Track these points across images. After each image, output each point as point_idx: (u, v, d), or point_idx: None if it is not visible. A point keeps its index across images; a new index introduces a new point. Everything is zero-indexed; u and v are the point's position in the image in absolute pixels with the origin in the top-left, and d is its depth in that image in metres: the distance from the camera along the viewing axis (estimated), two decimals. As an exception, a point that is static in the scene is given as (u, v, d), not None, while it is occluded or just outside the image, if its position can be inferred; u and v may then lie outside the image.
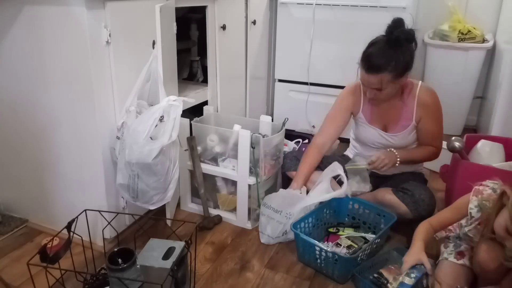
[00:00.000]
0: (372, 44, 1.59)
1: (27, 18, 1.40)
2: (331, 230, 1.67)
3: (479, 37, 2.63)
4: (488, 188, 1.28)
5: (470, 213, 1.28)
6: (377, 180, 1.79)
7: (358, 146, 1.90)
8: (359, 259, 1.45)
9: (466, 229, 1.33)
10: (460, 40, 2.63)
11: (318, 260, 1.48)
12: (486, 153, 1.77)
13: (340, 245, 1.57)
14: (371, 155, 1.68)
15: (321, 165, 1.86)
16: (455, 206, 1.35)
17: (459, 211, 1.33)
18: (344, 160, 1.90)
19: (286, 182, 1.92)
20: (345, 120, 1.81)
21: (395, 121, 1.73)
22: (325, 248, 1.45)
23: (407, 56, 1.55)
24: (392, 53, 1.53)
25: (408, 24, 1.58)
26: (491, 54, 2.70)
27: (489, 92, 2.63)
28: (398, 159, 1.64)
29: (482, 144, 1.80)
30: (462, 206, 1.31)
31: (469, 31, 2.63)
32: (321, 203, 1.66)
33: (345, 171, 1.68)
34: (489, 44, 2.60)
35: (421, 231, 1.37)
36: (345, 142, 1.96)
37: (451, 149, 1.69)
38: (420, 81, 1.72)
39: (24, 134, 1.59)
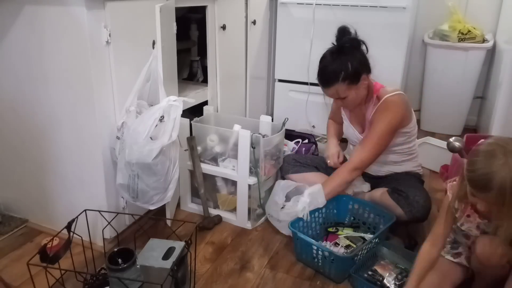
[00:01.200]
0: (321, 59, 1.63)
1: (27, 18, 1.40)
2: (330, 229, 1.67)
3: (479, 37, 2.63)
4: (449, 183, 1.29)
5: (454, 207, 1.26)
6: (373, 180, 1.80)
7: (350, 147, 1.91)
8: (356, 259, 1.45)
9: (459, 224, 1.32)
10: (460, 40, 2.63)
11: (316, 259, 1.48)
12: (486, 153, 1.76)
13: (338, 244, 1.57)
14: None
15: (323, 164, 1.87)
16: (441, 216, 1.33)
17: (447, 217, 1.30)
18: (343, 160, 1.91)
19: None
20: (340, 112, 1.88)
21: (364, 124, 1.74)
22: (322, 247, 1.45)
23: (355, 62, 1.57)
24: (339, 63, 1.56)
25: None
26: (491, 54, 2.70)
27: (489, 92, 2.63)
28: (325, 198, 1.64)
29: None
30: (447, 210, 1.29)
31: (469, 31, 2.63)
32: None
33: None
34: (489, 44, 2.60)
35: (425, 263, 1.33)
36: (345, 142, 1.97)
37: (451, 149, 1.69)
38: (392, 94, 1.63)
39: (24, 134, 1.59)
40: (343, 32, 1.60)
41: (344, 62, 1.56)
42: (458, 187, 1.22)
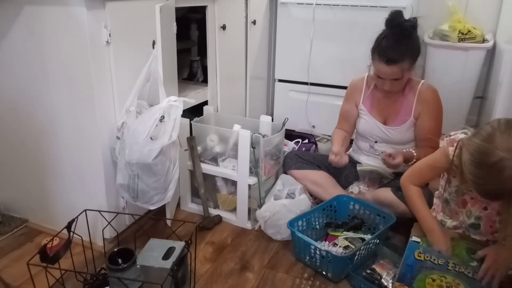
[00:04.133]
0: (383, 37, 1.64)
1: (27, 18, 1.40)
2: (331, 233, 1.67)
3: (479, 37, 2.62)
4: (460, 133, 1.28)
5: (454, 163, 1.24)
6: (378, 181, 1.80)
7: (360, 144, 1.90)
8: (355, 259, 1.45)
9: (454, 186, 1.31)
10: (460, 40, 2.63)
11: (313, 259, 1.48)
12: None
13: (337, 245, 1.57)
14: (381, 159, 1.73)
15: (325, 163, 1.87)
16: (431, 163, 1.35)
17: (437, 167, 1.32)
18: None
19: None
20: (353, 112, 1.87)
21: (394, 115, 1.75)
22: (319, 247, 1.45)
23: (418, 43, 1.64)
24: (407, 42, 1.61)
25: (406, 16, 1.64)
26: (491, 54, 2.70)
27: (489, 92, 2.63)
28: (415, 160, 1.67)
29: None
30: (439, 160, 1.30)
31: (469, 31, 2.62)
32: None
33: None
34: (489, 44, 2.60)
35: (423, 202, 1.40)
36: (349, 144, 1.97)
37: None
38: (423, 80, 1.75)
39: (24, 134, 1.59)
40: (399, 15, 1.62)
41: (411, 42, 1.61)
42: (460, 181, 1.21)
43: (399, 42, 1.60)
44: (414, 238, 1.43)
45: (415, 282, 1.30)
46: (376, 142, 1.82)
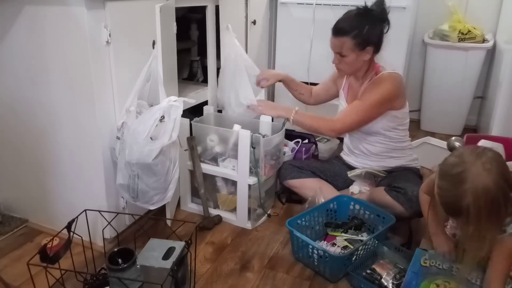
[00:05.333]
0: (346, 12, 1.66)
1: (27, 18, 1.40)
2: (331, 233, 1.67)
3: (479, 37, 2.63)
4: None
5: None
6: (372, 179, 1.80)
7: (348, 144, 1.91)
8: (353, 259, 1.45)
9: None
10: (460, 40, 2.63)
11: (311, 259, 1.49)
12: (486, 153, 1.77)
13: (336, 245, 1.57)
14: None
15: (321, 168, 1.87)
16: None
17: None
18: (339, 161, 1.95)
19: (287, 189, 1.93)
20: (330, 87, 1.96)
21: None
22: (317, 247, 1.45)
23: (373, 31, 1.61)
24: (358, 22, 1.60)
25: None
26: (491, 54, 2.70)
27: (489, 92, 2.63)
28: (292, 117, 1.74)
29: (482, 144, 1.80)
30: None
31: (469, 31, 2.63)
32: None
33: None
34: (489, 44, 2.61)
35: (431, 213, 1.38)
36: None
37: (451, 149, 1.70)
38: (390, 71, 1.70)
39: (24, 134, 1.59)
40: (380, 3, 1.63)
41: (363, 24, 1.60)
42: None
43: (352, 18, 1.61)
44: (422, 247, 1.43)
45: None
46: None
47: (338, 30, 1.63)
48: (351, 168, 1.88)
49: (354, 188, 1.80)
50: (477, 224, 1.06)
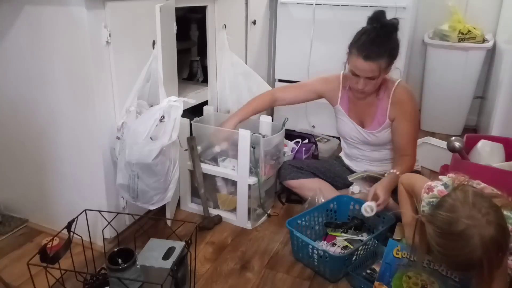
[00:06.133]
0: (363, 33, 1.60)
1: (27, 18, 1.40)
2: (331, 233, 1.67)
3: (479, 37, 2.63)
4: (440, 184, 1.23)
5: (423, 211, 1.22)
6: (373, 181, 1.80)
7: (348, 151, 1.91)
8: (353, 259, 1.45)
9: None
10: (460, 40, 2.63)
11: (311, 259, 1.49)
12: (486, 153, 1.77)
13: (336, 245, 1.57)
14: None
15: (321, 168, 1.87)
16: (411, 186, 1.37)
17: (414, 197, 1.31)
18: (338, 162, 1.95)
19: (287, 189, 1.93)
20: (307, 97, 1.88)
21: (371, 118, 1.74)
22: (317, 246, 1.45)
23: (397, 44, 1.61)
24: (386, 41, 1.58)
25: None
26: (491, 54, 2.70)
27: (489, 92, 2.63)
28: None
29: (482, 144, 1.80)
30: (417, 192, 1.29)
31: (469, 31, 2.63)
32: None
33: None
34: (489, 44, 2.60)
35: (405, 200, 1.43)
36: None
37: (451, 149, 1.69)
38: (399, 80, 1.72)
39: (24, 134, 1.59)
40: (381, 15, 1.60)
41: (390, 42, 1.58)
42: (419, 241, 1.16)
43: (379, 39, 1.56)
44: (394, 237, 1.45)
45: (393, 280, 1.30)
46: (356, 143, 1.82)
47: (373, 54, 1.54)
48: (351, 170, 1.88)
49: (355, 188, 1.80)
50: (490, 271, 1.03)
